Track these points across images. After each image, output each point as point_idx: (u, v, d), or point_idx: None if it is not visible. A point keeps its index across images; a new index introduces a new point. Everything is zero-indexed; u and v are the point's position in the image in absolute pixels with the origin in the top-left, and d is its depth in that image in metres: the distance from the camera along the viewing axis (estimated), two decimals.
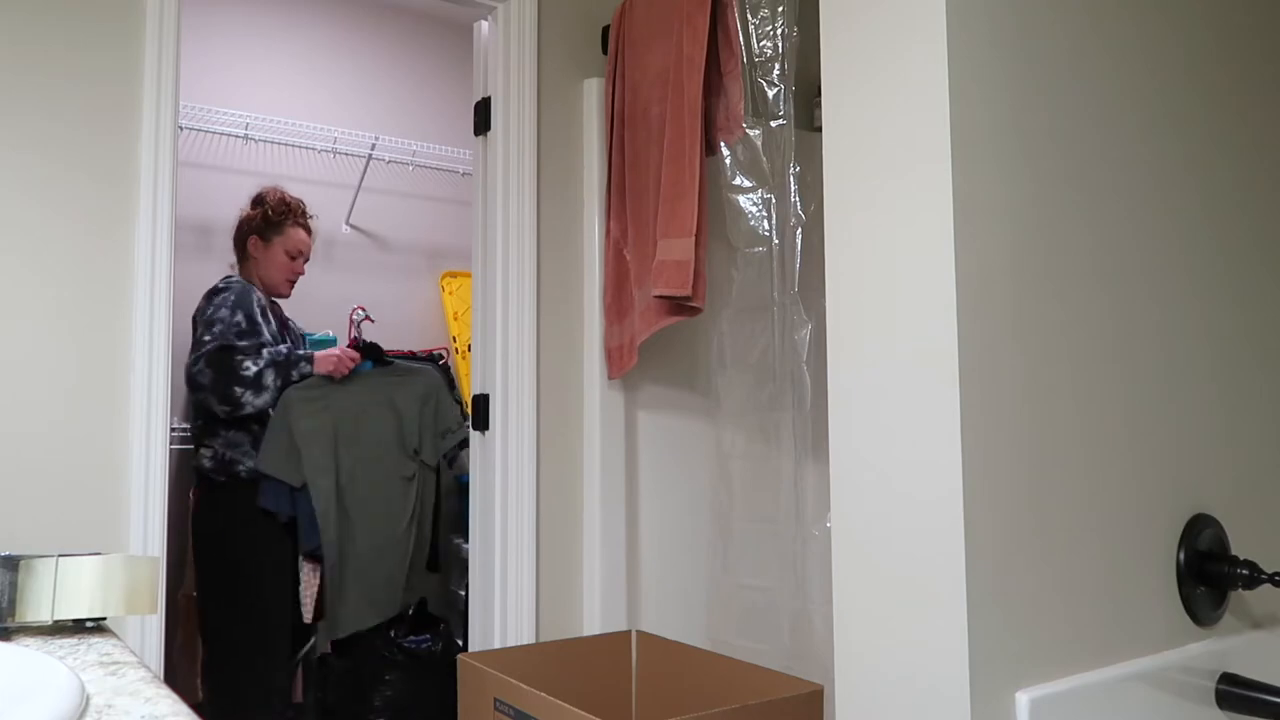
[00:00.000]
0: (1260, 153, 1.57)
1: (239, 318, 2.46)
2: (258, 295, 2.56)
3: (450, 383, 2.95)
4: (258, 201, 2.74)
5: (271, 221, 2.68)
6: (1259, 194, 1.56)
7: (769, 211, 1.96)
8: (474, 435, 2.26)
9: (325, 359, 2.53)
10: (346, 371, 2.54)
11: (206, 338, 2.40)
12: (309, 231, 2.76)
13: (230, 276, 2.61)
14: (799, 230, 1.91)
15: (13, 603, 0.88)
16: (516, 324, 2.18)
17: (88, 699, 0.68)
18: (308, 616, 2.51)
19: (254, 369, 2.42)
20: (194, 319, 2.47)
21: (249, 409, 2.43)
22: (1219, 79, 1.50)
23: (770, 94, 1.94)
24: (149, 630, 1.76)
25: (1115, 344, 1.30)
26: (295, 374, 2.50)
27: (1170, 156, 1.41)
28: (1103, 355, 1.28)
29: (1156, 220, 1.38)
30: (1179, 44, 1.43)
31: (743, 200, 1.98)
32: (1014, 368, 1.17)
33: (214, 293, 2.51)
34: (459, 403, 3.30)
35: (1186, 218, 1.43)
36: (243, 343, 2.44)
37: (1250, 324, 1.52)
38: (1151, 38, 1.39)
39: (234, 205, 3.23)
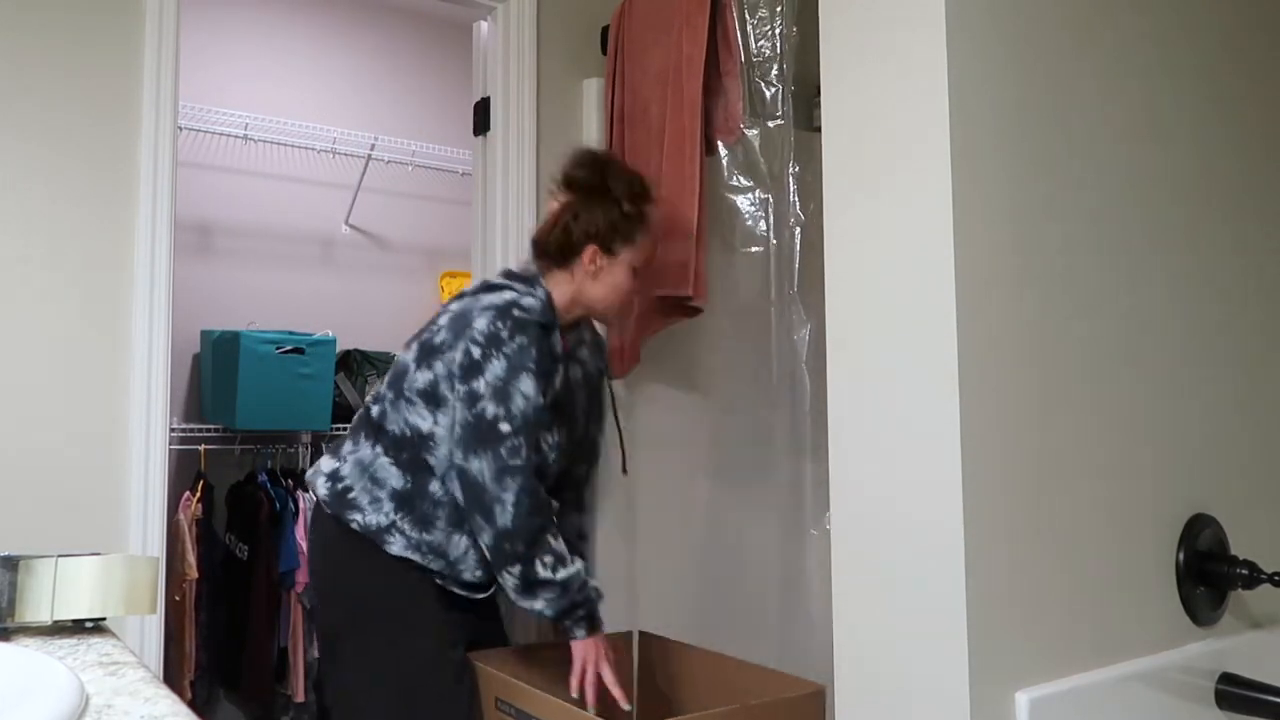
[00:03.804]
0: (1269, 146, 1.56)
1: (537, 396, 1.58)
2: (556, 340, 1.68)
3: None
4: (596, 170, 1.73)
5: (631, 216, 1.71)
6: (1266, 190, 1.56)
7: (767, 211, 1.96)
8: None
9: (582, 656, 1.63)
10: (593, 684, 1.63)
11: (504, 426, 1.53)
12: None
13: (529, 285, 1.68)
14: (798, 230, 1.91)
15: (12, 603, 0.88)
16: None
17: (87, 699, 0.68)
18: None
19: (547, 576, 1.56)
20: (477, 340, 1.57)
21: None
22: (1230, 67, 1.49)
23: (769, 94, 1.94)
24: (148, 630, 1.76)
25: (1116, 343, 1.30)
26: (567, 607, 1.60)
27: (1180, 150, 1.41)
28: (1103, 354, 1.28)
29: (1163, 217, 1.38)
30: (1188, 30, 1.43)
31: (741, 200, 1.98)
32: (1014, 367, 1.17)
33: (507, 317, 1.58)
34: None
35: (1194, 214, 1.42)
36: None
37: (1252, 323, 1.52)
38: (1160, 24, 1.39)
39: (233, 205, 3.23)
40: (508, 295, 1.63)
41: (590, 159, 1.77)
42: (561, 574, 1.56)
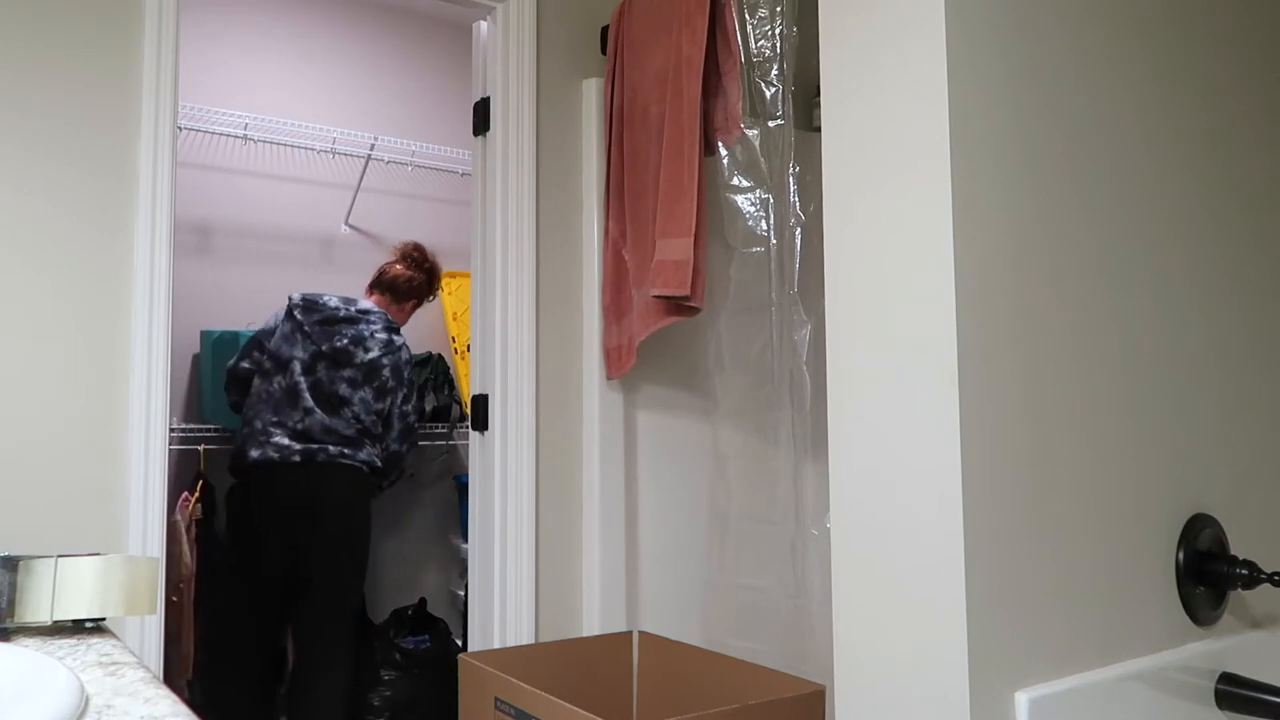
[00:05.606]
0: (1262, 152, 1.56)
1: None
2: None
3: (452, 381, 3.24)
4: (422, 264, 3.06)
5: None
6: (1261, 193, 1.56)
7: (767, 211, 1.96)
8: (473, 435, 2.26)
9: None
10: None
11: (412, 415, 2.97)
12: None
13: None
14: (798, 230, 1.91)
15: (12, 603, 0.88)
16: (516, 324, 2.18)
17: (87, 699, 0.68)
18: None
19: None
20: (404, 374, 2.89)
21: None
22: (1221, 76, 1.49)
23: (769, 94, 1.94)
24: (148, 630, 1.76)
25: (1116, 343, 1.30)
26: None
27: (1173, 154, 1.41)
28: (1103, 355, 1.28)
29: (1158, 219, 1.38)
30: (1181, 39, 1.43)
31: (741, 200, 1.98)
32: (1013, 367, 1.17)
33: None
34: (458, 402, 3.30)
35: (1189, 217, 1.43)
36: None
37: (1250, 323, 1.52)
38: (1154, 33, 1.39)
39: (233, 205, 3.23)
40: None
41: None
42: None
